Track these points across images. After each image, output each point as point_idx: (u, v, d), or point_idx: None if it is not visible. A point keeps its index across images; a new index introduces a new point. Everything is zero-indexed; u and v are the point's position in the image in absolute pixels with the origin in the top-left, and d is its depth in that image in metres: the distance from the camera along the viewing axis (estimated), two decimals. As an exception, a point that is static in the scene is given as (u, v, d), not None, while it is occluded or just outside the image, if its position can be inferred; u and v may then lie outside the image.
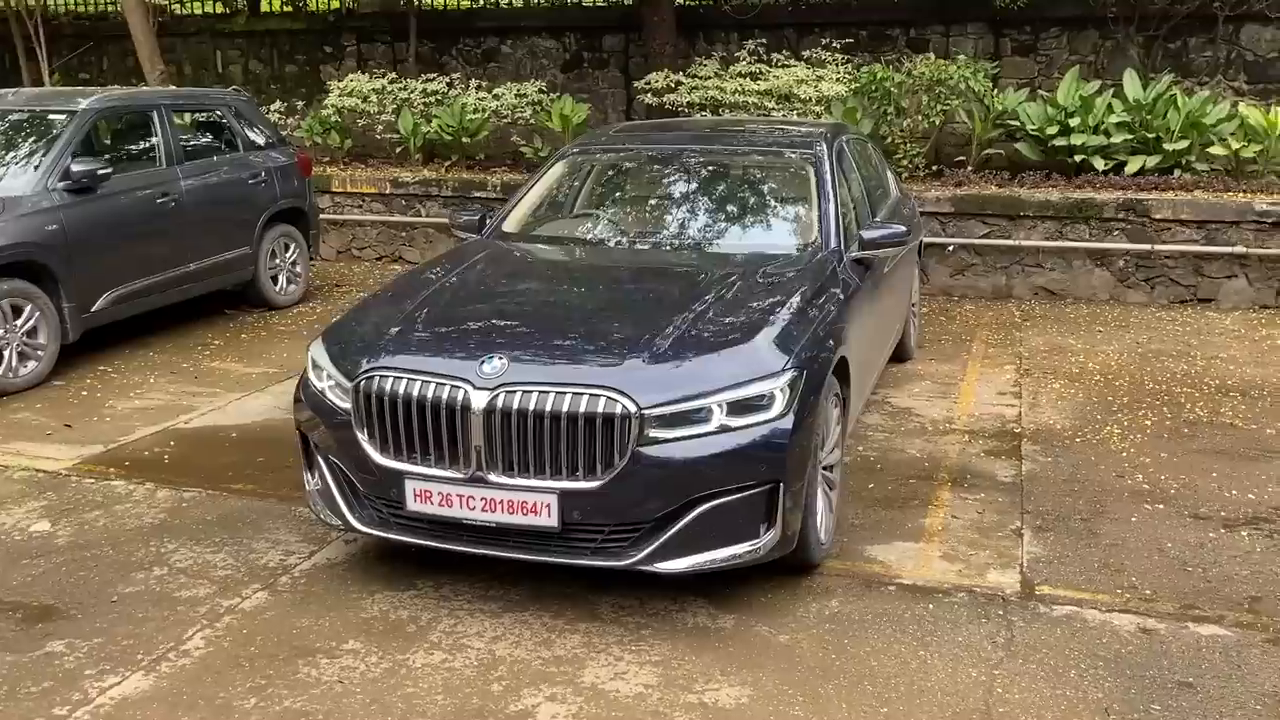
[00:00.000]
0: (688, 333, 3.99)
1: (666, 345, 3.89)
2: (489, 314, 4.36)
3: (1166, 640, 3.79)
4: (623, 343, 3.95)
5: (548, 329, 4.17)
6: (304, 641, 3.80)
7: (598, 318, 4.28)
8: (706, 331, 4.03)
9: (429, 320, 4.25)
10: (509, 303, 4.50)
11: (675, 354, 3.86)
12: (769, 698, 3.44)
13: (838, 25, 11.32)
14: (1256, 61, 10.43)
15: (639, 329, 4.03)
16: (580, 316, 4.32)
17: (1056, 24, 10.77)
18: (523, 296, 4.57)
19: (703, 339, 3.98)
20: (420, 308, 4.36)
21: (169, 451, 5.72)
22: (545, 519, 3.72)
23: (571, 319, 4.29)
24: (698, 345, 3.94)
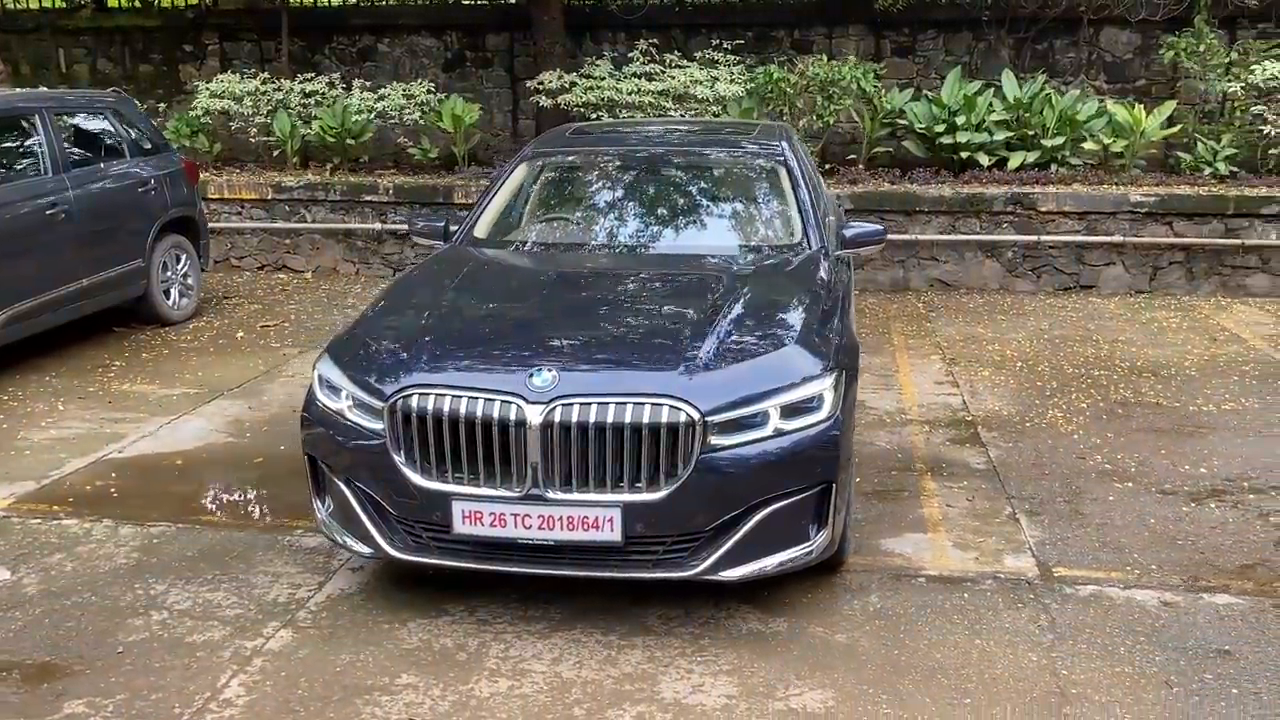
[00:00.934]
0: (727, 338, 3.96)
1: (713, 351, 3.85)
2: (516, 325, 4.21)
3: (1190, 612, 4.01)
4: (668, 350, 3.89)
5: (584, 339, 4.05)
6: (353, 679, 3.58)
7: (629, 325, 4.19)
8: (745, 336, 4.01)
9: (455, 334, 4.07)
10: (531, 313, 4.35)
11: (724, 360, 3.82)
12: (853, 698, 3.46)
13: (724, 26, 11.47)
14: (1115, 62, 11.14)
15: (677, 335, 3.98)
16: (611, 324, 4.22)
17: (933, 26, 11.22)
18: (541, 306, 4.43)
19: (744, 344, 3.96)
20: (439, 320, 4.17)
21: (113, 484, 5.29)
22: (608, 533, 3.62)
23: (603, 327, 4.18)
24: (741, 350, 3.91)
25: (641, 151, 5.75)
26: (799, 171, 5.47)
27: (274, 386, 6.91)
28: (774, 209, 5.31)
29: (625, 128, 6.78)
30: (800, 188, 5.37)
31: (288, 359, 7.57)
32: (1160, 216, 9.53)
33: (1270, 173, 10.07)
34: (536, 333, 4.11)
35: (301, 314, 8.99)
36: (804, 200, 5.29)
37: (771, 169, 5.51)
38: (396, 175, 10.92)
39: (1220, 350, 7.72)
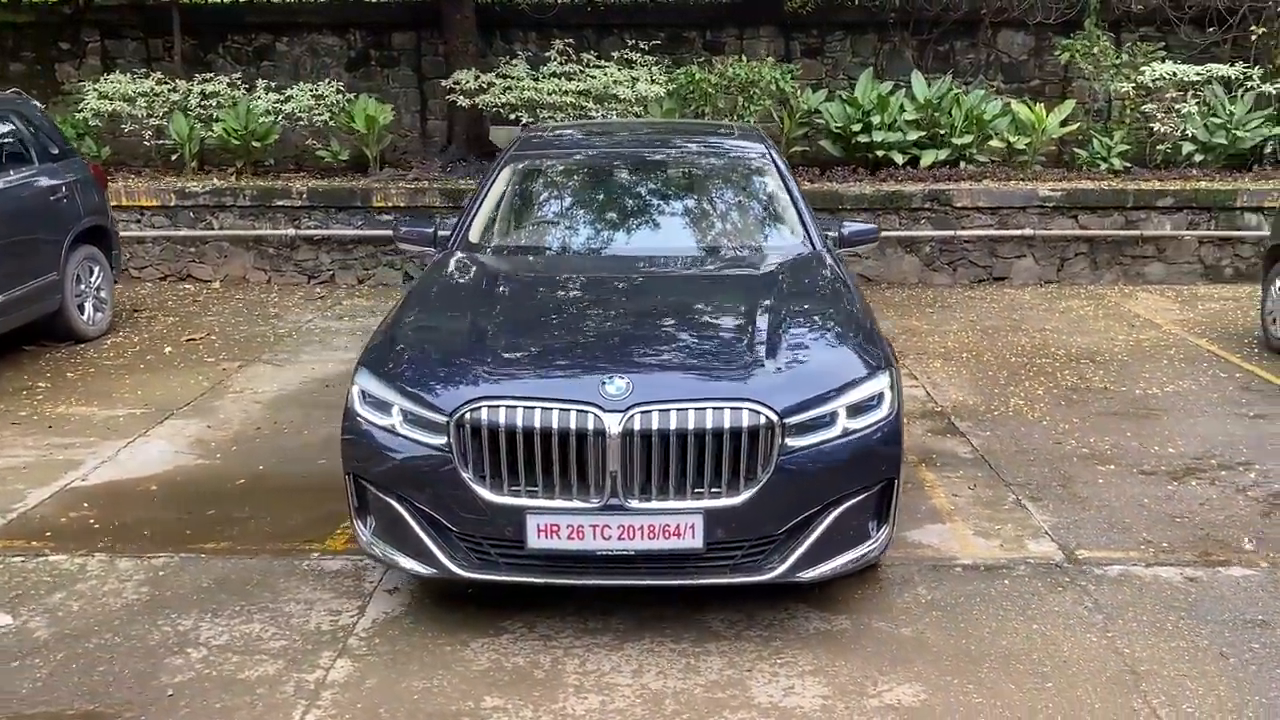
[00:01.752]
0: (785, 340, 3.97)
1: (777, 353, 3.86)
2: (570, 334, 4.12)
3: (1213, 585, 4.23)
4: (732, 353, 3.89)
5: (644, 345, 4.00)
6: (436, 706, 3.44)
7: (682, 329, 4.15)
8: (799, 338, 4.03)
9: (513, 344, 3.96)
10: (582, 322, 4.25)
11: (790, 362, 3.84)
12: (942, 690, 3.52)
13: (637, 27, 11.48)
14: (1011, 63, 11.66)
15: (735, 339, 3.98)
16: (665, 330, 4.17)
17: (841, 28, 11.50)
18: (589, 314, 4.33)
19: (802, 345, 3.98)
20: (493, 331, 4.03)
21: (90, 515, 4.94)
22: (689, 540, 3.59)
23: (659, 333, 4.13)
24: (802, 352, 3.94)
25: (631, 153, 5.71)
26: (786, 170, 5.54)
27: (226, 404, 6.58)
28: (773, 209, 5.35)
29: (602, 129, 6.74)
30: (793, 188, 5.43)
31: (229, 374, 7.22)
32: (1066, 210, 10.02)
33: (1158, 167, 10.71)
34: (596, 341, 4.04)
35: (224, 326, 8.58)
36: (798, 200, 5.36)
37: (761, 169, 5.56)
38: (309, 179, 10.54)
39: (1141, 336, 8.17)
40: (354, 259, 10.27)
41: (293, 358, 7.65)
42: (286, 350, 7.84)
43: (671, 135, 6.26)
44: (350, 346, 7.88)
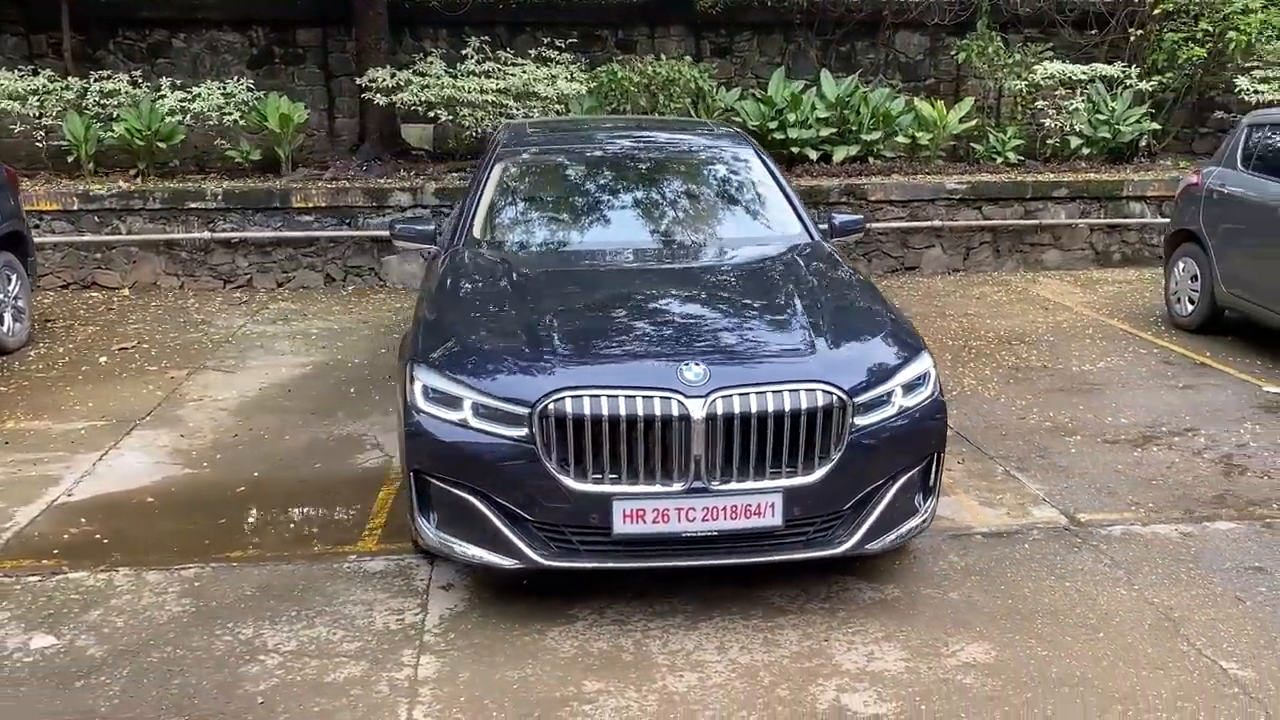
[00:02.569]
0: (834, 324, 4.15)
1: (833, 336, 4.03)
2: (627, 323, 4.20)
3: (1207, 539, 4.63)
4: (791, 337, 4.04)
5: (702, 331, 4.12)
6: (540, 694, 3.48)
7: (731, 316, 4.28)
8: (842, 322, 4.20)
9: (573, 335, 4.00)
10: (630, 310, 4.33)
11: (846, 344, 4.01)
12: (1008, 646, 3.77)
13: (549, 25, 11.52)
14: (908, 63, 12.20)
15: (788, 324, 4.14)
16: (717, 317, 4.29)
17: (749, 28, 11.80)
18: (633, 304, 4.40)
19: (850, 329, 4.16)
20: (545, 322, 4.07)
21: (93, 530, 4.74)
22: (769, 519, 3.73)
23: (710, 320, 4.25)
24: (853, 334, 4.11)
25: (625, 149, 5.80)
26: (771, 164, 5.74)
27: (191, 413, 6.36)
28: (769, 202, 5.52)
29: (582, 125, 6.78)
30: (782, 182, 5.63)
31: (179, 383, 6.96)
32: (971, 202, 10.58)
33: (1048, 160, 11.40)
34: (659, 329, 4.13)
35: (150, 334, 8.24)
36: (790, 194, 5.57)
37: (750, 164, 5.73)
38: (223, 180, 10.18)
39: (1058, 318, 8.72)
40: (273, 262, 9.98)
41: (240, 364, 7.43)
42: (230, 356, 7.60)
43: (655, 131, 6.37)
44: (296, 351, 7.71)
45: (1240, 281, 7.65)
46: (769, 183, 5.63)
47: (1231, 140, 8.17)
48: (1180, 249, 8.42)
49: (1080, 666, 3.63)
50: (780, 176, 5.69)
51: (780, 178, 5.68)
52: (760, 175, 5.65)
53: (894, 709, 3.40)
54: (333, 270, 10.03)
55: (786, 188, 5.59)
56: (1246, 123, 8.13)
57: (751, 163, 5.73)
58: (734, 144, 5.90)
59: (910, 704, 3.42)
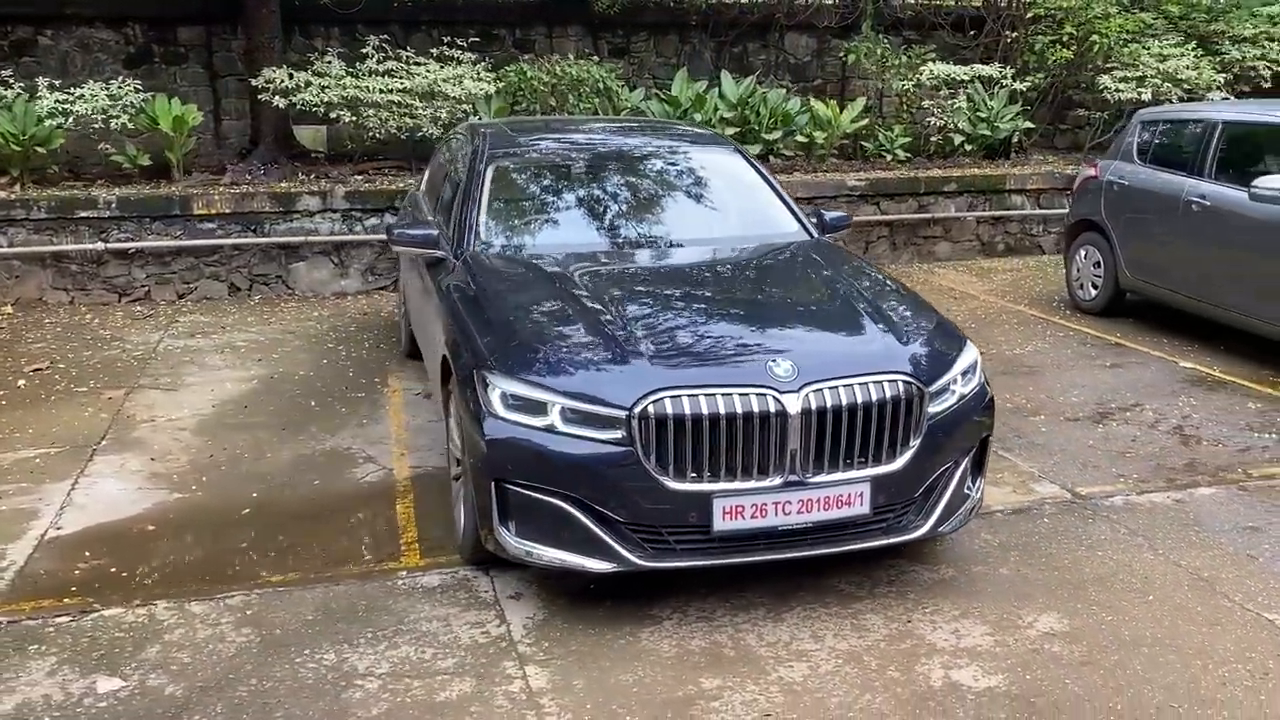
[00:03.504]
0: (889, 318, 4.28)
1: (895, 330, 4.17)
2: (695, 321, 4.22)
3: (1198, 504, 5.02)
4: (858, 331, 4.15)
5: (771, 327, 4.19)
6: (661, 695, 3.49)
7: (788, 311, 4.37)
8: (895, 316, 4.34)
9: (649, 335, 4.00)
10: (690, 309, 4.34)
11: (909, 337, 4.16)
12: (1078, 614, 4.00)
13: (446, 24, 11.32)
14: (797, 64, 12.57)
15: (849, 318, 4.26)
16: (774, 313, 4.36)
17: (645, 29, 11.92)
18: (688, 302, 4.42)
19: (904, 320, 4.30)
20: (613, 324, 4.06)
21: (105, 564, 4.43)
22: (858, 508, 3.85)
23: (772, 316, 4.32)
24: (908, 326, 4.26)
25: (615, 149, 5.80)
26: (758, 162, 5.87)
27: (150, 435, 5.99)
28: (765, 201, 5.64)
29: (561, 125, 6.73)
30: (771, 180, 5.77)
31: (118, 403, 6.54)
32: (870, 198, 11.01)
33: (932, 156, 11.97)
34: (730, 326, 4.18)
35: (60, 353, 7.69)
36: (781, 192, 5.71)
37: (737, 163, 5.84)
38: (114, 187, 9.57)
39: (970, 305, 9.20)
40: (172, 272, 9.46)
41: (178, 381, 7.03)
42: (163, 374, 7.18)
43: (638, 131, 6.38)
44: (232, 366, 7.36)
45: (1143, 267, 8.27)
46: (760, 182, 5.76)
47: (1126, 136, 8.80)
48: (1081, 238, 9.02)
49: (1146, 628, 3.90)
50: (769, 176, 5.82)
51: (769, 177, 5.81)
52: (751, 175, 5.77)
53: (1003, 681, 3.56)
54: (237, 280, 9.59)
55: (778, 187, 5.73)
56: (1138, 120, 8.78)
57: (739, 163, 5.84)
58: (719, 145, 6.01)
59: (1015, 675, 3.60)
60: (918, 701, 3.45)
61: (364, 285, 9.84)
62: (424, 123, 10.10)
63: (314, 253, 9.70)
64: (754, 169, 5.83)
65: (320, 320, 8.69)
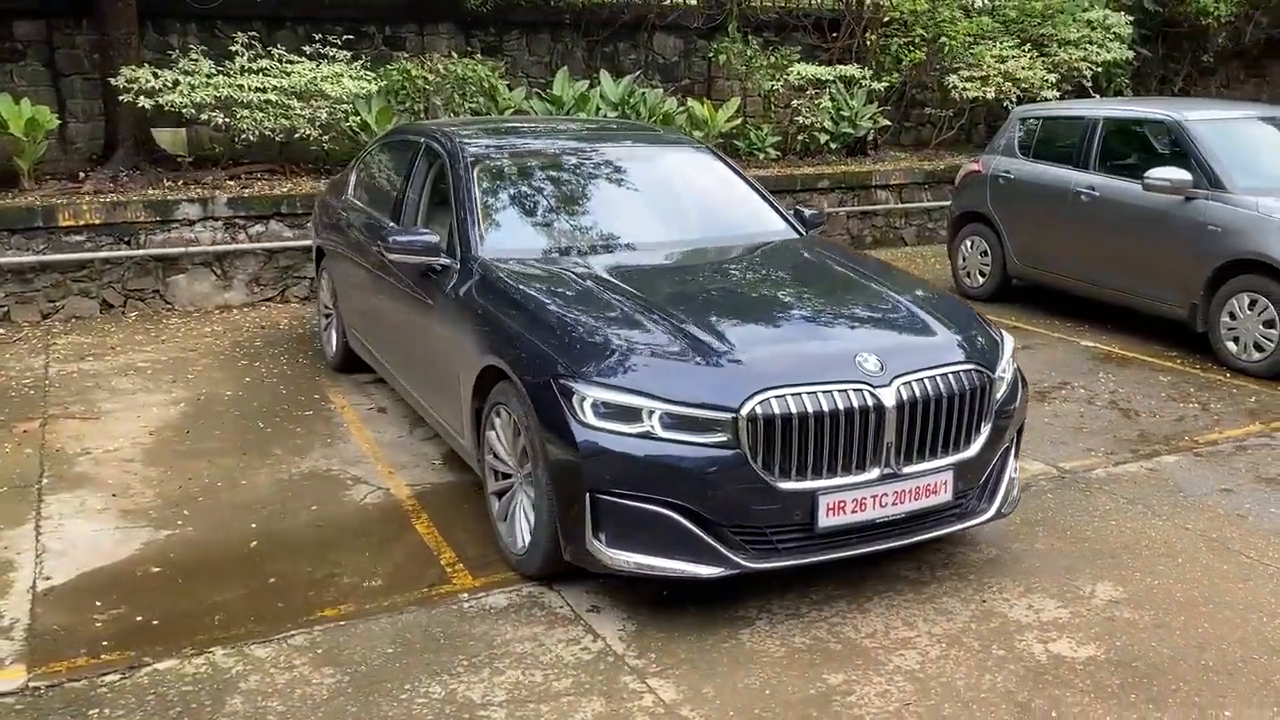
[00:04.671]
0: (932, 309, 4.41)
1: (948, 322, 4.30)
2: (764, 320, 4.23)
3: (1169, 471, 5.43)
4: (913, 324, 4.26)
5: (839, 324, 4.24)
6: (797, 694, 3.49)
7: (849, 308, 4.41)
8: (937, 307, 4.47)
9: (737, 334, 3.97)
10: (748, 306, 4.34)
11: (963, 329, 4.30)
12: (1125, 581, 4.26)
13: (312, 21, 10.81)
14: (665, 64, 12.70)
15: (893, 311, 4.35)
16: (830, 309, 4.40)
17: (517, 27, 11.75)
18: (739, 300, 4.42)
19: (953, 313, 4.42)
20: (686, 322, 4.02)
21: (122, 613, 4.03)
22: (943, 495, 3.97)
23: (831, 312, 4.36)
24: (960, 319, 4.38)
25: (597, 150, 5.72)
26: (733, 163, 5.94)
27: (94, 468, 5.48)
28: (749, 200, 5.69)
29: (528, 125, 6.54)
30: (750, 180, 5.85)
31: (37, 436, 5.95)
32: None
33: (799, 154, 12.37)
34: (806, 323, 4.21)
35: (-65, 383, 6.91)
36: (762, 190, 5.79)
37: (712, 164, 5.87)
38: (-41, 197, 8.64)
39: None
40: (35, 290, 8.63)
41: (93, 410, 6.43)
42: (71, 402, 6.55)
43: (620, 134, 6.29)
44: (148, 389, 6.81)
45: (1032, 254, 8.84)
46: (739, 182, 5.82)
47: (1005, 132, 9.38)
48: (966, 229, 9.55)
49: (1193, 589, 4.20)
50: (749, 178, 5.90)
51: (749, 179, 5.89)
52: (732, 176, 5.83)
53: (1098, 650, 3.76)
54: (110, 296, 8.86)
55: (759, 187, 5.81)
56: (1017, 117, 9.38)
57: (717, 164, 5.88)
58: (692, 145, 6.02)
59: (1106, 643, 3.80)
60: (1035, 676, 3.59)
61: (249, 297, 9.28)
62: (301, 124, 9.62)
63: (195, 264, 9.07)
64: (733, 171, 5.88)
65: (217, 336, 8.15)
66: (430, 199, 5.75)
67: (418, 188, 5.74)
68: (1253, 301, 7.05)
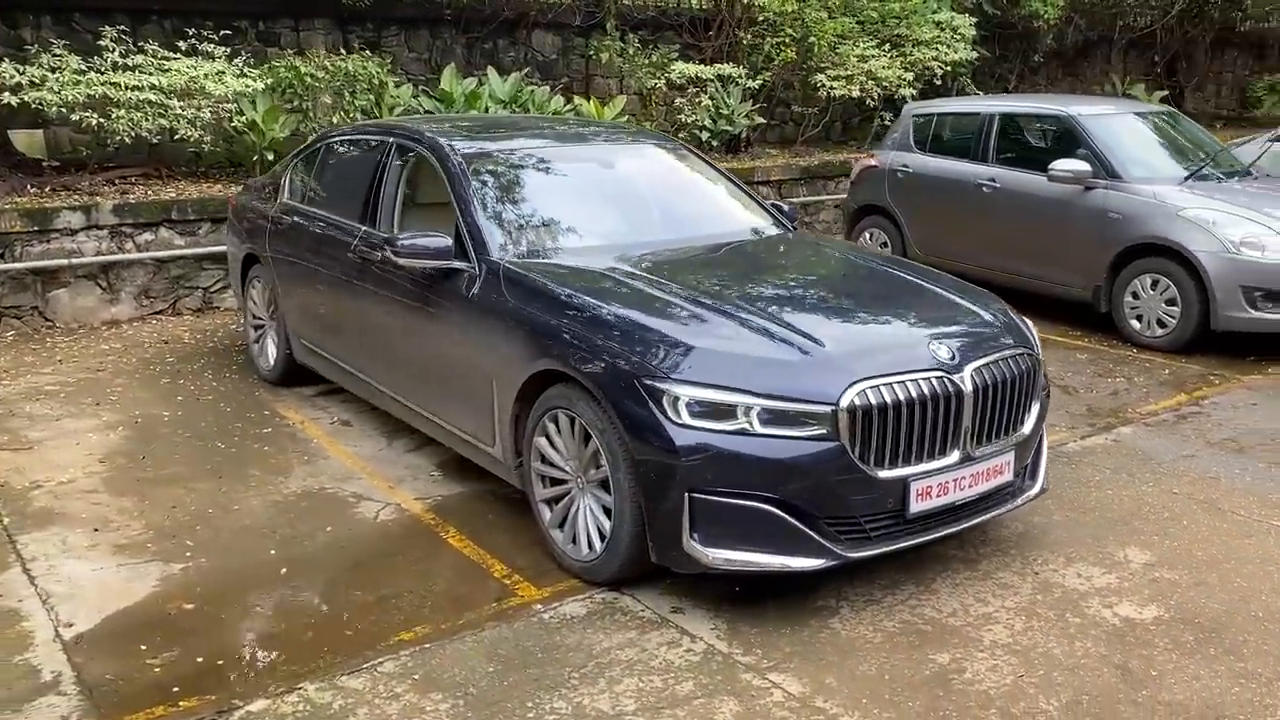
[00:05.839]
0: (960, 294, 4.60)
1: (983, 308, 4.47)
2: (834, 313, 4.29)
3: (1130, 441, 5.83)
4: (956, 311, 4.41)
5: (898, 314, 4.36)
6: (915, 675, 3.58)
7: (893, 298, 4.52)
8: (972, 294, 4.65)
9: (817, 327, 4.00)
10: (812, 302, 4.38)
11: (1000, 314, 4.48)
12: (1149, 546, 4.56)
13: (180, 14, 10.14)
14: (544, 61, 12.58)
15: (944, 300, 4.51)
16: (876, 300, 4.50)
17: (396, 23, 11.38)
18: (792, 292, 4.44)
19: (983, 299, 4.61)
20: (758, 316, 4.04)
21: (175, 655, 3.72)
22: (1007, 475, 4.15)
23: (886, 304, 4.46)
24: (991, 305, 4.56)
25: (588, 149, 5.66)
26: (714, 164, 6.00)
27: (56, 502, 5.02)
28: (735, 197, 5.74)
29: (509, 124, 6.34)
30: (724, 174, 5.91)
31: (-33, 470, 5.39)
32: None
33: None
34: (870, 316, 4.29)
35: None
36: (746, 189, 5.87)
37: (694, 163, 5.90)
38: None
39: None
40: (-104, 310, 7.79)
41: (19, 439, 5.87)
42: (-11, 430, 5.97)
43: (595, 132, 6.17)
44: (73, 414, 6.28)
45: (933, 243, 9.28)
46: (722, 180, 5.87)
47: (901, 129, 9.81)
48: (864, 221, 9.95)
49: (1209, 548, 4.53)
50: (731, 176, 5.97)
51: (732, 177, 5.96)
52: (712, 174, 5.87)
53: (1161, 610, 4.01)
54: (-14, 314, 8.08)
55: (742, 186, 5.87)
56: (910, 113, 9.82)
57: (698, 162, 5.91)
58: (668, 142, 6.03)
59: (1164, 603, 4.06)
60: (1117, 638, 3.81)
61: (138, 311, 8.66)
62: (181, 124, 9.04)
63: (78, 277, 8.39)
64: (713, 168, 5.92)
65: (119, 354, 7.57)
66: (404, 200, 5.55)
67: (392, 188, 5.52)
68: (1154, 282, 7.63)
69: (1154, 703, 3.43)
